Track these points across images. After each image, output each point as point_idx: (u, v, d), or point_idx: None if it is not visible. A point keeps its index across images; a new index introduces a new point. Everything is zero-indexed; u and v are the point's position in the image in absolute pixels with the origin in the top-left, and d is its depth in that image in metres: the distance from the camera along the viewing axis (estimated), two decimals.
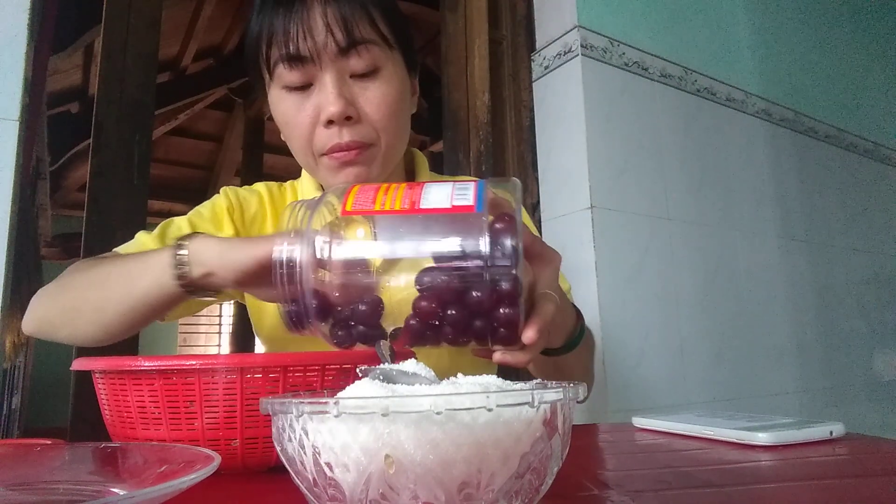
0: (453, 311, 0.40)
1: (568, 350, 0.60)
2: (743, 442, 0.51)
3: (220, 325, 6.84)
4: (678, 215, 1.47)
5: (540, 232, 1.38)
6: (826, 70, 2.11)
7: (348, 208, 0.42)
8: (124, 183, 1.05)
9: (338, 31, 0.64)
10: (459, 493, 0.26)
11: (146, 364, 0.42)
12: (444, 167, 1.47)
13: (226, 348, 6.62)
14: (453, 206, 0.39)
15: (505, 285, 0.38)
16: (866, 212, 2.12)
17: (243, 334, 4.59)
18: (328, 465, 0.27)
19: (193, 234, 0.55)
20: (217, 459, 0.31)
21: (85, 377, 0.56)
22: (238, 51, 3.80)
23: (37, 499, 0.33)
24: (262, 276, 0.49)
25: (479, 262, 0.38)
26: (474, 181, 0.42)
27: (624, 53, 1.44)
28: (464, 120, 1.46)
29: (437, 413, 0.25)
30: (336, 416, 0.26)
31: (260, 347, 0.84)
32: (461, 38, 1.50)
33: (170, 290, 0.54)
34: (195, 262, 0.52)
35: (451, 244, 0.39)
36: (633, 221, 1.37)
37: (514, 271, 0.38)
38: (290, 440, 0.28)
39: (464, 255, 0.39)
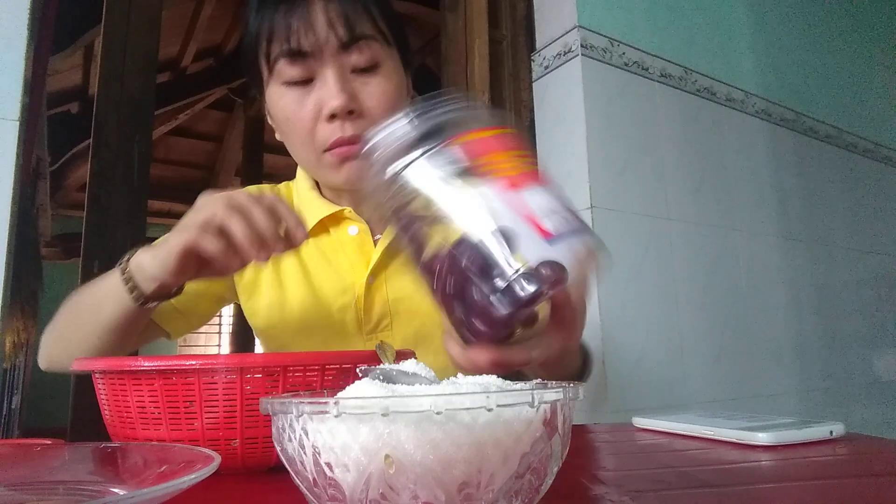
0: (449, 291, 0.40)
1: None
2: (743, 442, 0.51)
3: (220, 325, 6.84)
4: (678, 215, 1.47)
5: None
6: (826, 70, 2.11)
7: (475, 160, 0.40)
8: (124, 183, 1.05)
9: (339, 26, 0.64)
10: (459, 493, 0.26)
11: (146, 364, 0.42)
12: None
13: (226, 348, 6.63)
14: (542, 228, 0.38)
15: (501, 307, 0.38)
16: (866, 212, 2.12)
17: (243, 334, 4.59)
18: (328, 465, 0.27)
19: (133, 250, 0.58)
20: (217, 459, 0.31)
21: (85, 377, 0.56)
22: (238, 50, 3.80)
23: (37, 499, 0.33)
24: (192, 261, 0.53)
25: (501, 281, 0.37)
26: (579, 222, 0.40)
27: (624, 53, 1.44)
28: None
29: (437, 413, 0.25)
30: (336, 416, 0.26)
31: (260, 346, 0.84)
32: (461, 38, 1.50)
33: (131, 308, 0.57)
34: (139, 278, 0.56)
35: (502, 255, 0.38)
36: (633, 221, 1.37)
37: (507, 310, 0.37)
38: (289, 440, 0.28)
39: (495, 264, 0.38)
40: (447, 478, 0.26)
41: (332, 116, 0.65)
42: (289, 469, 0.29)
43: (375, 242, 0.75)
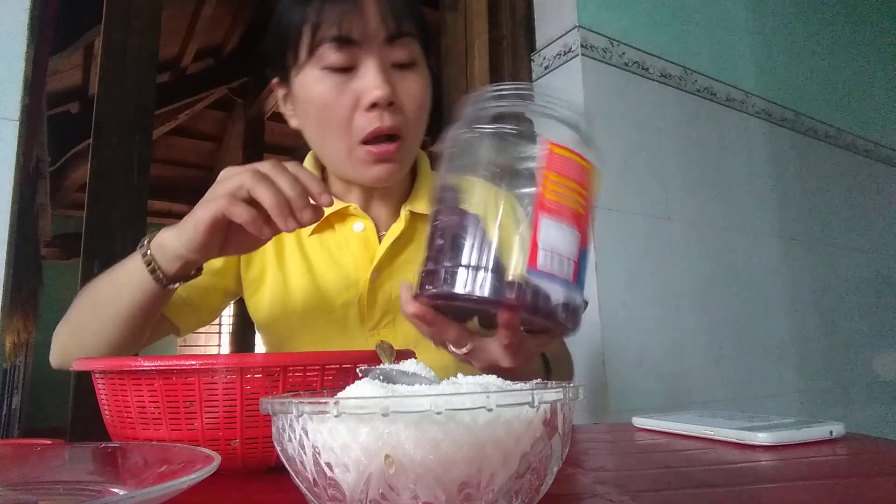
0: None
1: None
2: (743, 442, 0.51)
3: (220, 324, 6.84)
4: (678, 215, 1.47)
5: None
6: (826, 70, 2.11)
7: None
8: (124, 183, 1.05)
9: (390, 19, 0.66)
10: (459, 493, 0.26)
11: (146, 364, 0.42)
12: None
13: (226, 348, 6.63)
14: (535, 255, 0.40)
15: (449, 284, 0.41)
16: (866, 212, 2.12)
17: (243, 334, 4.59)
18: (328, 465, 0.27)
19: (152, 234, 0.58)
20: (217, 459, 0.31)
21: (85, 377, 0.56)
22: (238, 51, 3.81)
23: (37, 499, 0.33)
24: (219, 234, 0.53)
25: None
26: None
27: (624, 53, 1.44)
28: None
29: (438, 413, 0.25)
30: (336, 416, 0.26)
31: (260, 346, 0.84)
32: (461, 38, 1.50)
33: (152, 291, 0.57)
34: (162, 258, 0.55)
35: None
36: (632, 221, 1.37)
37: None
38: (290, 440, 0.28)
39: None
40: (447, 478, 0.26)
41: (373, 106, 0.65)
42: (289, 469, 0.29)
43: (380, 239, 0.75)
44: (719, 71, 1.66)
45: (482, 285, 0.40)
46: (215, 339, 6.95)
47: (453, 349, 0.49)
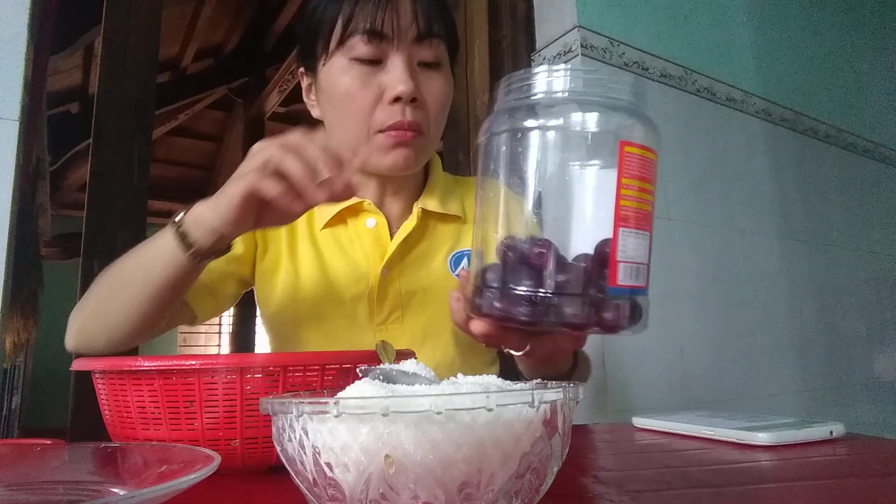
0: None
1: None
2: (743, 442, 0.51)
3: (220, 324, 6.84)
4: (678, 215, 1.47)
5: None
6: (826, 70, 2.11)
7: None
8: (124, 183, 1.05)
9: (422, 18, 0.68)
10: (459, 493, 0.26)
11: (146, 364, 0.42)
12: (443, 166, 1.47)
13: (226, 348, 6.62)
14: (615, 271, 0.39)
15: (535, 308, 0.39)
16: (866, 212, 2.12)
17: (243, 334, 4.59)
18: (328, 465, 0.27)
19: (187, 207, 0.56)
20: (217, 459, 0.31)
21: (85, 377, 0.56)
22: (238, 51, 3.81)
23: (37, 499, 0.33)
24: (252, 208, 0.52)
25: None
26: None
27: (624, 53, 1.44)
28: (463, 119, 1.46)
29: (438, 413, 0.25)
30: (336, 416, 0.26)
31: (260, 346, 0.84)
32: (461, 38, 1.50)
33: (185, 266, 0.56)
34: (197, 232, 0.54)
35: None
36: None
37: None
38: (290, 440, 0.28)
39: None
40: (447, 478, 0.26)
41: (397, 100, 0.67)
42: (289, 469, 0.29)
43: (392, 235, 0.76)
44: (719, 71, 1.66)
45: (560, 310, 0.38)
46: (215, 339, 6.94)
47: (511, 351, 0.49)
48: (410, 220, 0.75)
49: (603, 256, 0.39)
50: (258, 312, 0.82)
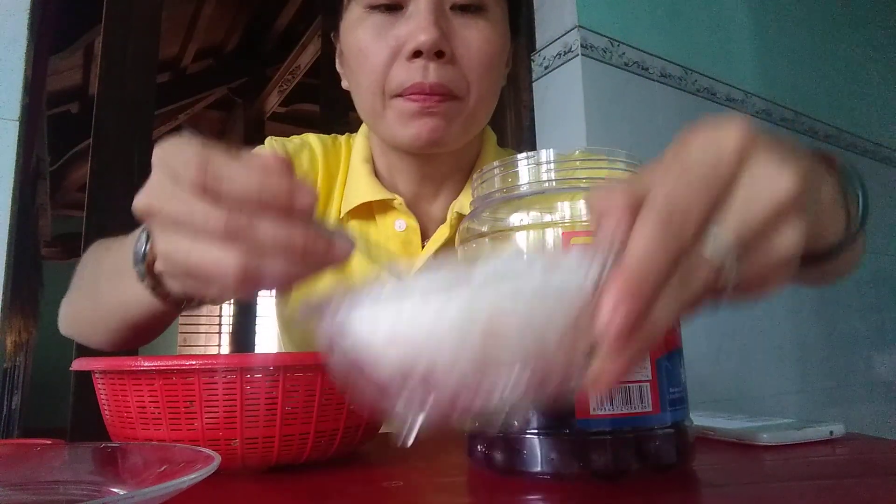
0: None
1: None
2: (743, 442, 0.51)
3: (220, 325, 6.84)
4: None
5: None
6: (826, 70, 2.11)
7: None
8: (124, 183, 1.05)
9: None
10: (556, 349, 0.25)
11: (146, 364, 0.42)
12: None
13: (226, 348, 6.62)
14: None
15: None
16: None
17: (243, 334, 4.58)
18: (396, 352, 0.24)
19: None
20: (217, 459, 0.31)
21: (85, 377, 0.56)
22: (238, 51, 3.81)
23: (37, 499, 0.33)
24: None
25: None
26: None
27: (624, 53, 1.44)
28: None
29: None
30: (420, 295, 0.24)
31: (260, 346, 0.84)
32: None
33: (158, 309, 0.46)
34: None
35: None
36: None
37: None
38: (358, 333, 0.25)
39: None
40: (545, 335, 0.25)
41: (417, 54, 0.52)
42: (351, 377, 0.26)
43: (423, 244, 0.64)
44: (719, 71, 1.66)
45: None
46: (215, 339, 6.94)
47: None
48: (443, 229, 0.62)
49: None
50: (258, 312, 0.81)
